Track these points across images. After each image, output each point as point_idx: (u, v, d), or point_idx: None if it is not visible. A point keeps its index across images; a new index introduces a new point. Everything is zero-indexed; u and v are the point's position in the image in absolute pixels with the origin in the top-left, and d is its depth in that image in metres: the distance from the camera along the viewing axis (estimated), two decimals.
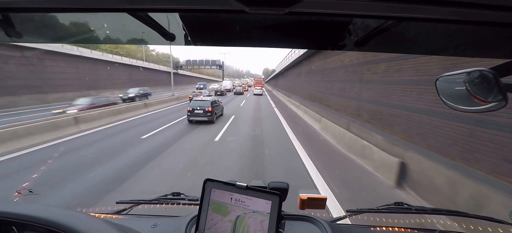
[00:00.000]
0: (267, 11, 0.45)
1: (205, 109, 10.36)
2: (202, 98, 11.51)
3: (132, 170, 4.93)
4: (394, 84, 5.48)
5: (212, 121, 10.62)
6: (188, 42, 0.64)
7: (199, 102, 10.76)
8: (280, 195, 0.72)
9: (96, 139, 7.80)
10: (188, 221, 0.96)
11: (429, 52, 0.68)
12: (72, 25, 0.56)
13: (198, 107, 10.44)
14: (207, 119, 10.44)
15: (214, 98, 12.06)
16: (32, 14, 0.51)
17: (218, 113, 11.99)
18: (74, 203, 3.67)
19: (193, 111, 10.43)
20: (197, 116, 10.45)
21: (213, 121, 10.74)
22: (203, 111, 10.34)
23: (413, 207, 1.22)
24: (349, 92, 8.44)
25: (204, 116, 10.38)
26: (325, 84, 11.72)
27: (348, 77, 8.55)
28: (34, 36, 0.61)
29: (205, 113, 10.33)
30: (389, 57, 5.65)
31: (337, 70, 9.96)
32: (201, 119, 10.53)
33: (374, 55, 6.34)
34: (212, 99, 11.53)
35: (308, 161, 5.63)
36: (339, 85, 9.60)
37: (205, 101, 10.93)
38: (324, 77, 12.05)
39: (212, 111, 10.55)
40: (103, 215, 1.14)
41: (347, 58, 8.78)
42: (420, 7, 0.42)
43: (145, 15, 0.51)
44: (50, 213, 0.70)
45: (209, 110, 10.43)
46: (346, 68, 8.85)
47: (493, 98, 0.50)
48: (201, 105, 10.51)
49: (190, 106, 10.54)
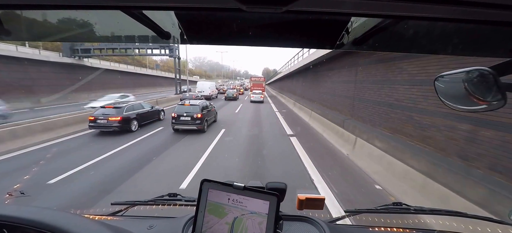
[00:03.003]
0: (264, 9, 0.45)
1: (193, 116, 8.79)
2: (191, 103, 9.61)
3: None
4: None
5: (202, 130, 9.05)
6: (184, 40, 0.63)
7: (186, 107, 9.12)
8: (278, 196, 0.71)
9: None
10: (185, 222, 0.95)
11: (428, 51, 0.68)
12: (63, 22, 0.55)
13: (185, 113, 8.86)
14: (196, 128, 8.87)
15: (205, 103, 10.26)
16: (22, 11, 0.50)
17: (210, 119, 10.39)
18: (68, 205, 3.62)
19: (178, 118, 8.85)
20: (184, 124, 8.90)
21: (204, 130, 9.11)
22: (191, 118, 8.78)
23: (411, 208, 1.22)
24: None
25: (192, 124, 8.83)
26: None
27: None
28: (24, 34, 0.60)
29: (193, 120, 8.79)
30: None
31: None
32: (188, 128, 8.93)
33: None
34: (202, 103, 9.77)
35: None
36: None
37: (194, 106, 9.21)
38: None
39: (202, 118, 8.99)
40: (98, 217, 1.12)
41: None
42: (418, 6, 0.42)
43: (140, 13, 0.50)
44: (43, 215, 0.69)
45: (198, 117, 8.86)
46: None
47: (492, 98, 0.50)
48: (188, 111, 8.92)
49: (175, 112, 8.98)
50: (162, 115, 11.81)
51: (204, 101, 10.62)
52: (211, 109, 10.52)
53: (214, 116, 11.05)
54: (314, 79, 15.99)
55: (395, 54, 6.08)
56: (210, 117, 10.29)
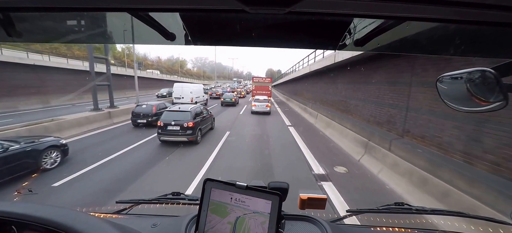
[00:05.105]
0: (267, 10, 0.45)
1: (183, 125, 7.21)
2: (180, 108, 8.04)
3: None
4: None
5: (195, 142, 7.43)
6: (189, 42, 0.64)
7: (175, 114, 7.58)
8: (280, 195, 0.72)
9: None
10: (188, 221, 0.96)
11: (429, 52, 0.68)
12: (72, 25, 0.56)
13: (173, 121, 7.27)
14: (187, 139, 7.23)
15: (199, 108, 8.64)
16: (32, 13, 0.51)
17: (206, 128, 8.74)
18: (74, 203, 3.66)
19: (165, 127, 7.23)
20: (171, 135, 7.25)
21: (196, 141, 7.47)
22: (180, 127, 7.20)
23: (413, 208, 1.22)
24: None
25: (182, 135, 7.21)
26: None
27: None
28: (34, 36, 0.61)
29: (183, 130, 7.21)
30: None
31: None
32: (177, 140, 7.26)
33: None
34: (195, 109, 8.13)
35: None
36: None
37: (185, 112, 7.63)
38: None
39: (195, 127, 7.38)
40: (103, 214, 1.14)
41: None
42: (420, 7, 0.42)
43: (146, 15, 0.51)
44: (50, 212, 0.70)
45: (190, 126, 7.23)
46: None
47: (494, 98, 0.50)
48: (177, 119, 7.33)
49: (162, 120, 7.38)
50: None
51: (198, 106, 9.02)
52: (206, 115, 8.93)
53: (211, 123, 9.55)
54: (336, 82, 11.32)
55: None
56: (205, 125, 8.74)
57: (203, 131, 8.39)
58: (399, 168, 4.89)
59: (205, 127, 8.63)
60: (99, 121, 10.39)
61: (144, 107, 10.59)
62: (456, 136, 4.26)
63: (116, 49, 49.22)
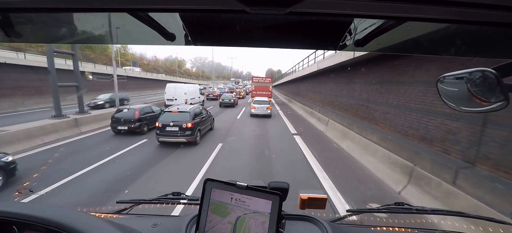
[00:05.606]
0: (268, 11, 0.45)
1: (182, 126, 7.26)
2: (179, 109, 7.96)
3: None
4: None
5: (194, 143, 7.50)
6: (189, 42, 0.64)
7: (173, 115, 7.55)
8: (280, 195, 0.72)
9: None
10: (189, 221, 0.96)
11: (430, 52, 0.68)
12: (72, 25, 0.56)
13: (172, 122, 7.30)
14: (185, 140, 7.29)
15: (198, 109, 8.60)
16: (31, 14, 0.51)
17: (205, 128, 8.75)
18: (75, 203, 3.67)
19: (163, 128, 7.29)
20: (170, 136, 7.31)
21: (196, 142, 7.53)
22: (179, 128, 7.25)
23: (413, 207, 1.22)
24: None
25: (181, 136, 7.25)
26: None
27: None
28: (33, 36, 0.61)
29: (182, 131, 7.26)
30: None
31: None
32: (176, 141, 7.30)
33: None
34: (194, 109, 8.08)
35: None
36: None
37: (183, 113, 7.61)
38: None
39: (194, 128, 7.41)
40: (104, 214, 1.14)
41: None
42: (421, 7, 0.42)
43: (146, 15, 0.51)
44: (51, 212, 0.70)
45: (188, 127, 7.27)
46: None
47: (495, 99, 0.50)
48: (176, 120, 7.35)
49: (160, 121, 7.45)
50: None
51: (197, 106, 8.96)
52: (206, 116, 8.92)
53: (210, 124, 9.56)
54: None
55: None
56: (205, 125, 8.73)
57: (202, 131, 8.32)
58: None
59: (204, 128, 8.56)
60: (61, 131, 8.30)
61: (126, 111, 9.11)
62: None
63: (109, 47, 48.23)
